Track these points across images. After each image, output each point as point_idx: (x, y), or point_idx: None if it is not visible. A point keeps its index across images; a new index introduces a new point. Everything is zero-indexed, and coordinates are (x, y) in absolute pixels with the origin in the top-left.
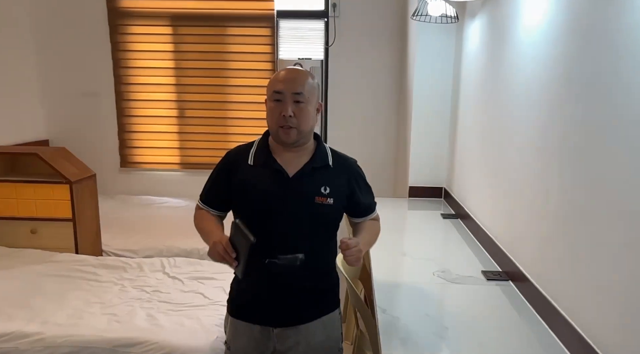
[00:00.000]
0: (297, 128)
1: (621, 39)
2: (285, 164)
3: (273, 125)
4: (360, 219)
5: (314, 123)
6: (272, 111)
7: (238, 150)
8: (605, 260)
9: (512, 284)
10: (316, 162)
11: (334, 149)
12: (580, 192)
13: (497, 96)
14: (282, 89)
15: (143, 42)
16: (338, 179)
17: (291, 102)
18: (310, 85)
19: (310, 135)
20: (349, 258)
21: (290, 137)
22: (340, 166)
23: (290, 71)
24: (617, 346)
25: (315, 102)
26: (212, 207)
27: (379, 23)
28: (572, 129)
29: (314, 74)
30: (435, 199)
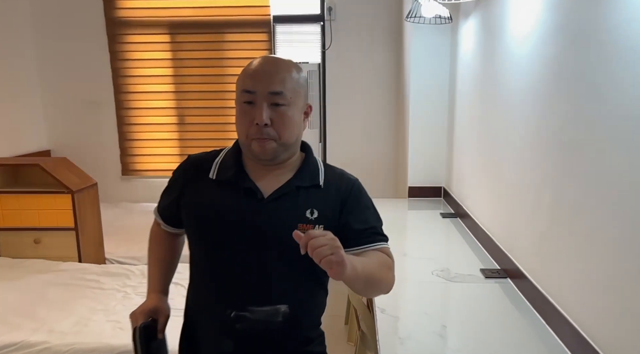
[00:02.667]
0: (277, 140)
1: (610, 38)
2: (259, 181)
3: (243, 136)
4: (355, 249)
5: (300, 131)
6: (241, 117)
7: (199, 156)
8: (598, 255)
9: (510, 281)
10: (302, 180)
11: (329, 165)
12: (573, 189)
13: (491, 95)
14: (253, 88)
15: (142, 51)
16: (329, 202)
17: (267, 105)
18: (294, 81)
19: (296, 147)
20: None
21: (266, 152)
22: (335, 187)
23: (265, 62)
24: (611, 339)
25: (301, 103)
26: (166, 222)
27: (375, 25)
28: (565, 126)
29: (299, 65)
30: (434, 199)
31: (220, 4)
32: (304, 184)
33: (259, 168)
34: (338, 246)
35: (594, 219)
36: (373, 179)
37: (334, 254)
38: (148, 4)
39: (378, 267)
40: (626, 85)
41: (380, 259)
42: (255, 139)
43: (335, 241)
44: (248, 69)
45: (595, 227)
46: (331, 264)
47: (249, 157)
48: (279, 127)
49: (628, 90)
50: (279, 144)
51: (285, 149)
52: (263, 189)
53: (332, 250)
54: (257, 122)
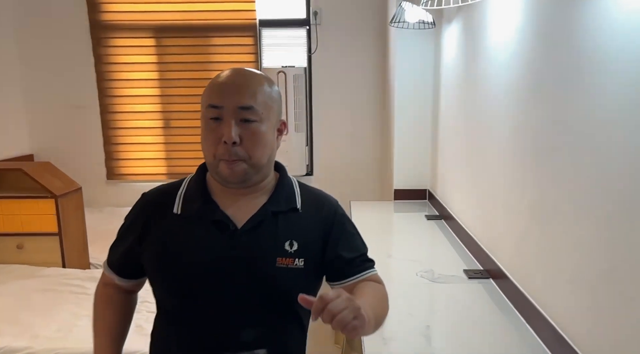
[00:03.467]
0: (247, 161)
1: (581, 44)
2: (230, 209)
3: (210, 156)
4: (347, 281)
5: (274, 150)
6: (207, 134)
7: (159, 190)
8: (573, 256)
9: (492, 281)
10: (277, 204)
11: (304, 185)
12: (550, 191)
13: (473, 99)
14: (220, 102)
15: (126, 55)
16: (310, 230)
17: (236, 121)
18: (266, 95)
19: (269, 168)
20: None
21: (235, 175)
22: (314, 210)
23: (234, 74)
24: (585, 336)
25: (274, 119)
26: (121, 274)
27: (360, 30)
28: (541, 130)
29: (271, 79)
30: (420, 201)
31: (206, 9)
32: (281, 208)
33: (229, 194)
34: (358, 306)
35: (569, 221)
36: (360, 182)
37: (357, 318)
38: (133, 8)
39: (380, 304)
40: (596, 90)
41: (378, 294)
42: (223, 160)
43: (353, 301)
44: (215, 82)
45: (570, 228)
46: (356, 329)
47: (216, 182)
48: (249, 146)
49: (597, 95)
50: (250, 165)
51: (257, 171)
52: (235, 219)
53: (354, 312)
54: (225, 140)
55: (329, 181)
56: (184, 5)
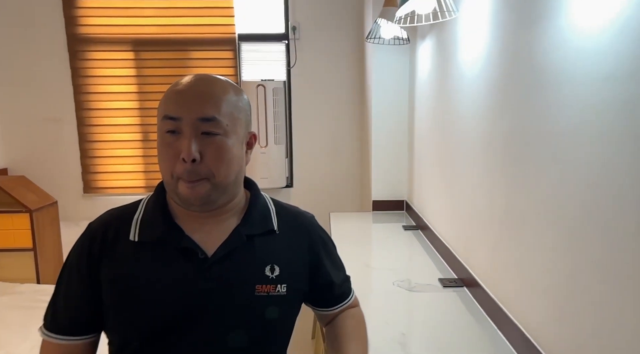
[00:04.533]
0: (211, 179)
1: (542, 61)
2: (198, 235)
3: (167, 175)
4: (333, 309)
5: (242, 167)
6: (164, 150)
7: (109, 218)
8: (539, 264)
9: (466, 290)
10: (252, 226)
11: (279, 202)
12: (518, 202)
13: (445, 112)
14: (178, 113)
15: (104, 68)
16: (291, 253)
17: (196, 134)
18: (231, 104)
19: (237, 187)
20: None
21: (197, 196)
22: (293, 230)
23: (194, 81)
24: (552, 341)
25: (242, 132)
26: (69, 331)
27: (338, 44)
28: (508, 142)
29: (239, 87)
30: (397, 212)
31: (184, 23)
32: (256, 231)
33: (194, 217)
34: None
35: (534, 229)
36: (339, 193)
37: None
38: (111, 22)
39: (364, 337)
40: (555, 104)
41: (362, 331)
42: (182, 180)
43: None
44: (172, 90)
45: (536, 237)
46: None
47: (178, 204)
48: (212, 163)
49: (556, 109)
50: (214, 185)
51: (223, 191)
52: (205, 245)
53: None
54: (183, 157)
55: (309, 193)
56: (163, 19)
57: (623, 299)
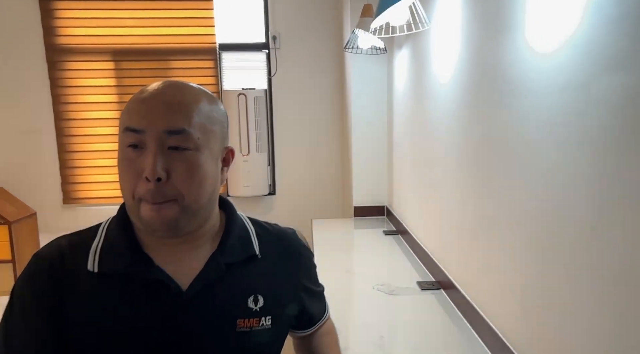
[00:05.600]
0: (179, 201)
1: (508, 71)
2: (169, 265)
3: (128, 197)
4: (309, 330)
5: (217, 186)
6: (124, 167)
7: (64, 245)
8: (509, 265)
9: (443, 292)
10: (231, 253)
11: (258, 222)
12: (489, 206)
13: (421, 120)
14: (140, 124)
15: (84, 78)
16: (277, 280)
17: (161, 149)
18: (203, 115)
19: (210, 209)
20: None
21: (163, 221)
22: (277, 253)
23: (163, 88)
24: (523, 340)
25: (216, 146)
26: None
27: (318, 53)
28: (479, 149)
29: (214, 96)
30: (378, 218)
31: (165, 33)
32: (235, 257)
33: (165, 245)
34: None
35: (504, 233)
36: (321, 200)
37: None
38: (90, 32)
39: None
40: (520, 113)
41: (337, 346)
42: (145, 201)
43: None
44: (135, 98)
45: (505, 240)
46: None
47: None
48: (181, 182)
49: (521, 118)
50: (183, 208)
51: (193, 215)
52: (178, 278)
53: None
54: (147, 175)
55: (291, 200)
56: (143, 29)
57: (582, 297)
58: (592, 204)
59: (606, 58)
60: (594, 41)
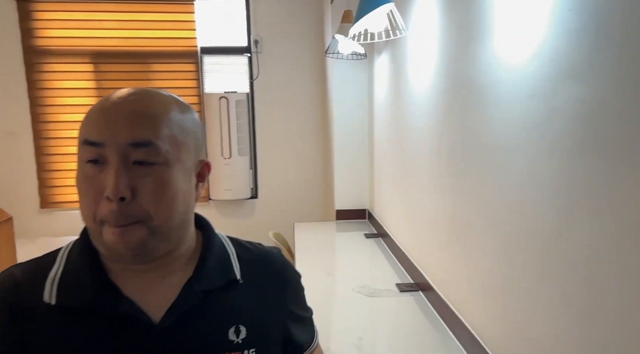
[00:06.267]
0: (147, 223)
1: (479, 79)
2: (138, 294)
3: (88, 218)
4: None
5: (190, 205)
6: (83, 185)
7: (17, 273)
8: (482, 266)
9: (421, 294)
10: (208, 280)
11: (239, 241)
12: (463, 208)
13: (400, 125)
14: (100, 137)
15: (62, 80)
16: (260, 304)
17: (125, 165)
18: (174, 125)
19: (185, 230)
20: None
21: (128, 246)
22: (260, 277)
23: (127, 95)
24: (494, 338)
25: (190, 160)
26: None
27: (300, 58)
28: (452, 154)
29: (188, 105)
30: (360, 221)
31: (146, 36)
32: (214, 284)
33: (132, 272)
34: None
35: (477, 234)
36: (304, 203)
37: None
38: (69, 34)
39: None
40: (491, 119)
41: None
42: (108, 224)
43: None
44: (95, 108)
45: (479, 241)
46: None
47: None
48: (148, 201)
49: (491, 123)
50: (151, 230)
51: (164, 237)
52: (149, 309)
53: None
54: (108, 194)
55: (274, 204)
56: (123, 32)
57: (551, 298)
58: (557, 207)
59: (568, 68)
60: (557, 52)
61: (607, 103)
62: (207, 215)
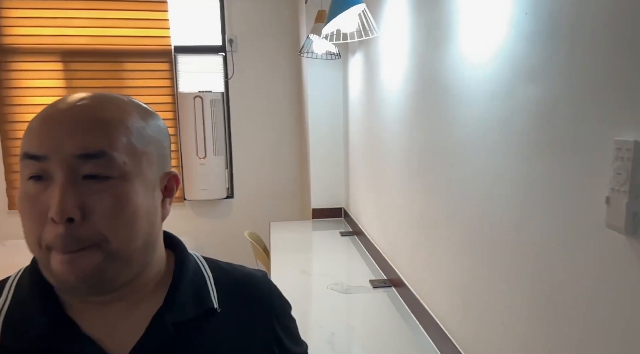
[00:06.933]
0: (103, 246)
1: (445, 81)
2: (101, 334)
3: (32, 243)
4: None
5: (155, 224)
6: (25, 206)
7: None
8: (449, 262)
9: (394, 289)
10: (180, 310)
11: (216, 262)
12: (431, 205)
13: (373, 125)
14: (40, 149)
15: (30, 79)
16: (241, 336)
17: (73, 180)
18: (134, 133)
19: (150, 253)
20: None
21: (80, 276)
22: (241, 302)
23: (76, 101)
24: (460, 331)
25: (154, 172)
26: None
27: (276, 57)
28: (422, 152)
29: (150, 110)
30: (336, 219)
31: (117, 34)
32: (187, 314)
33: (92, 304)
34: None
35: (445, 232)
36: (280, 203)
37: None
38: (38, 32)
39: None
40: (456, 118)
41: None
42: (55, 251)
43: None
44: (38, 116)
45: (446, 238)
46: None
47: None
48: (103, 222)
49: (457, 122)
50: (109, 255)
51: (124, 263)
52: (113, 348)
53: None
54: (53, 216)
55: (250, 203)
56: (94, 30)
57: (511, 291)
58: (517, 203)
59: (525, 70)
60: (515, 54)
61: (558, 104)
62: (183, 216)
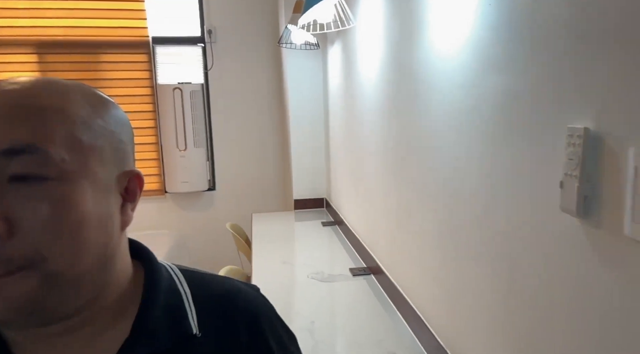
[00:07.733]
0: (41, 267)
1: (419, 72)
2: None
3: None
4: None
5: (113, 236)
6: None
7: None
8: (425, 250)
9: (373, 277)
10: (151, 338)
11: (195, 274)
12: (407, 195)
13: (351, 116)
14: None
15: (3, 71)
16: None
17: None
18: (78, 123)
19: (108, 272)
20: None
21: (11, 307)
22: (225, 325)
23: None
24: (437, 317)
25: (106, 170)
26: None
27: (255, 48)
28: (398, 141)
29: (107, 99)
30: (318, 210)
31: (93, 24)
32: (160, 343)
33: (39, 337)
34: None
35: (419, 219)
36: (262, 194)
37: None
38: (10, 23)
39: None
40: (428, 109)
41: None
42: None
43: None
44: None
45: (420, 225)
46: None
47: None
48: (38, 236)
49: (428, 112)
50: (48, 278)
51: (70, 287)
52: None
53: None
54: None
55: (232, 195)
56: (69, 21)
57: (481, 277)
58: (484, 188)
59: (490, 60)
60: (481, 45)
61: (520, 93)
62: (163, 208)
